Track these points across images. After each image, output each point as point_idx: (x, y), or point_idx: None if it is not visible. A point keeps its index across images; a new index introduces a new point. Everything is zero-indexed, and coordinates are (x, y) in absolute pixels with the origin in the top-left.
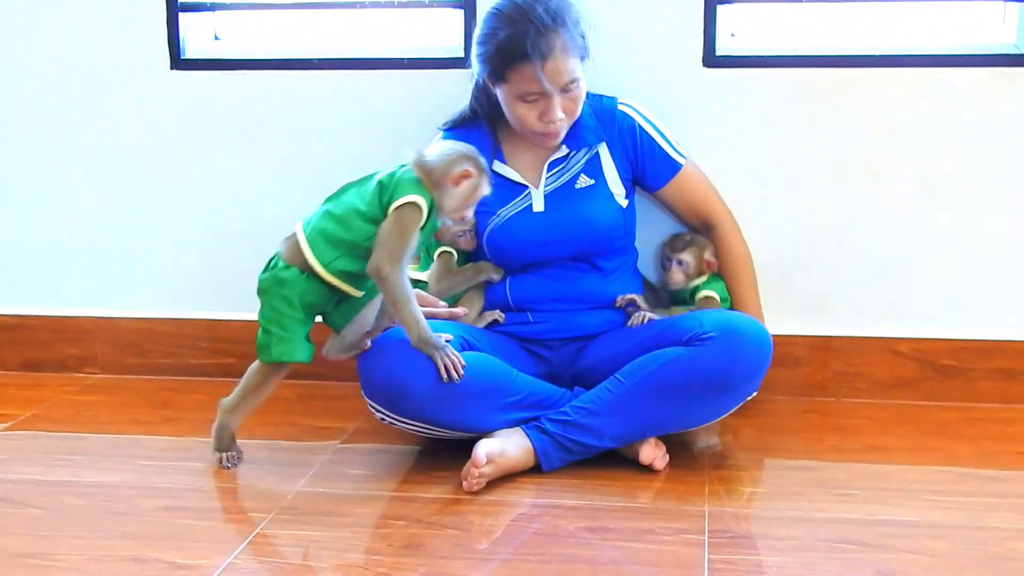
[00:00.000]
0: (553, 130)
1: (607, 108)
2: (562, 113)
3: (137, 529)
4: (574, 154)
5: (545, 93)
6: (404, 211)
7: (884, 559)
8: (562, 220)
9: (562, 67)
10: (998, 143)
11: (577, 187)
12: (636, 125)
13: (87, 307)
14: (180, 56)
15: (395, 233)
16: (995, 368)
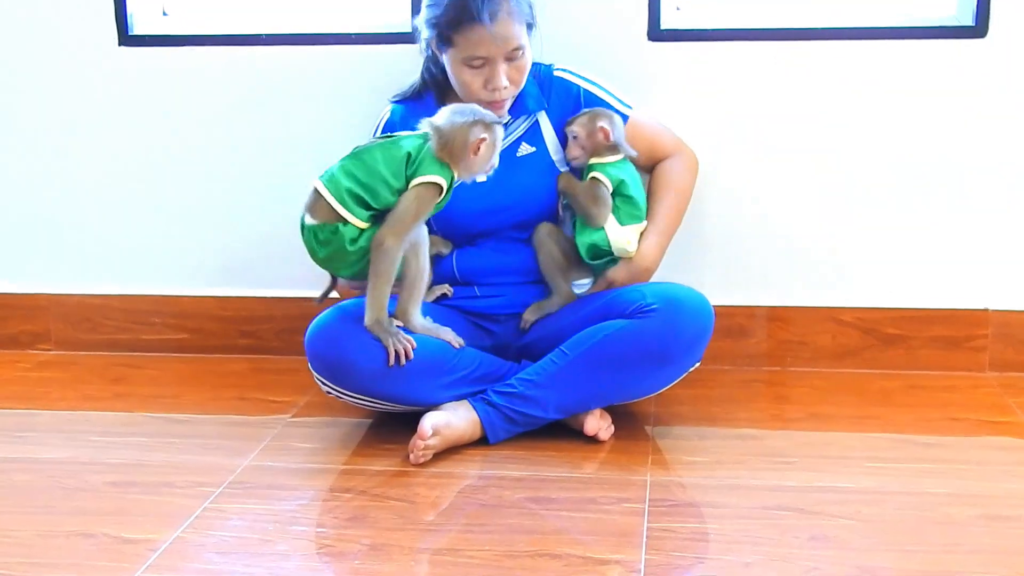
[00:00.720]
0: (498, 98)
1: (543, 75)
2: (507, 81)
3: (85, 504)
4: (514, 121)
5: (491, 59)
6: (423, 189)
7: (818, 525)
8: (504, 188)
9: (508, 31)
10: (938, 115)
11: (518, 155)
12: (578, 88)
13: (40, 283)
14: (128, 32)
15: (411, 211)
16: (936, 336)
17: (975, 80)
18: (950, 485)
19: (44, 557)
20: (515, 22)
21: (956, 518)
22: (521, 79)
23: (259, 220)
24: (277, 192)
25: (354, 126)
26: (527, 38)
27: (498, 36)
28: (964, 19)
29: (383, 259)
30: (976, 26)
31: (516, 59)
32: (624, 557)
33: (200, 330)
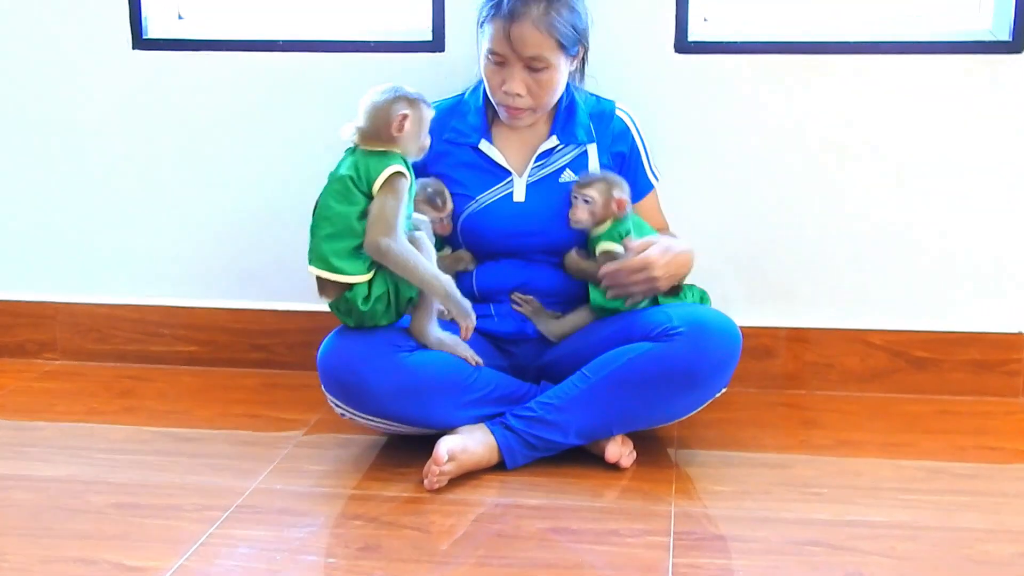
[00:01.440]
0: (510, 103)
1: (605, 110)
2: (523, 89)
3: (87, 527)
4: (563, 147)
5: (508, 59)
6: (394, 183)
7: (852, 562)
8: (541, 212)
9: (528, 36)
10: (972, 132)
11: (561, 181)
12: (629, 134)
13: (47, 291)
14: (142, 36)
15: (385, 204)
16: (968, 360)
17: (1012, 96)
18: (988, 520)
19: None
20: (540, 32)
21: (995, 556)
22: (543, 94)
23: (273, 229)
24: (292, 201)
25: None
26: (557, 57)
27: (515, 37)
28: (1000, 34)
29: (393, 257)
30: (1013, 41)
31: (537, 71)
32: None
33: (211, 342)
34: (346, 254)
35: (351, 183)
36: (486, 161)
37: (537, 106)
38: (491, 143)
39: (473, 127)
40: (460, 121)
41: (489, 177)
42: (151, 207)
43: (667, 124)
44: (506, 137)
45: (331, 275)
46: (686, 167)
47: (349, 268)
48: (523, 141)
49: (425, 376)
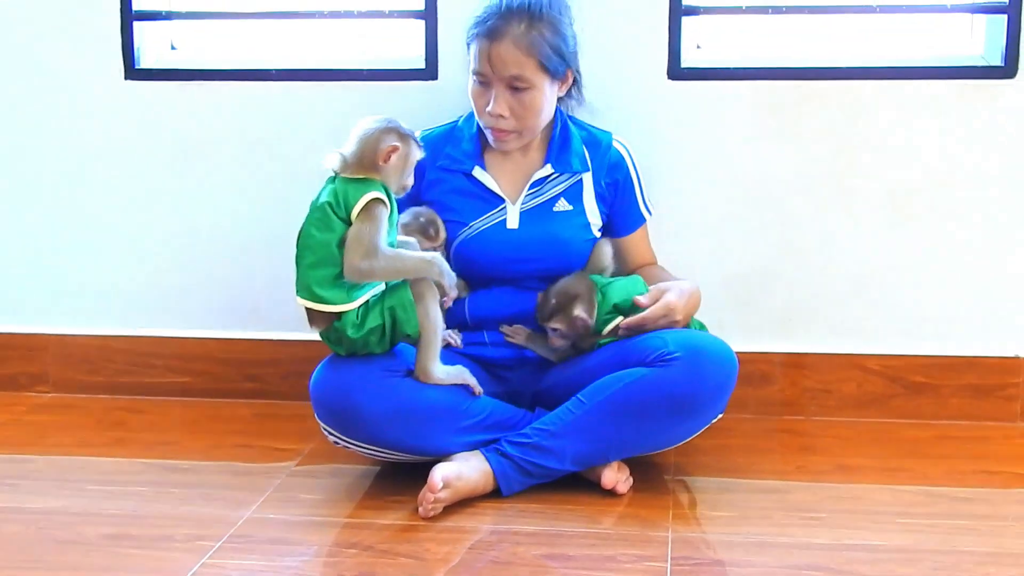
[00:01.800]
0: (495, 125)
1: (602, 141)
2: (506, 110)
3: (78, 559)
4: (557, 176)
5: (489, 78)
6: (372, 210)
7: None
8: (535, 240)
9: (508, 55)
10: (967, 156)
11: (555, 210)
12: (624, 165)
13: (39, 323)
14: (135, 66)
15: (361, 229)
16: (966, 384)
17: (1006, 120)
18: (988, 543)
19: None
20: (520, 51)
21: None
22: (526, 116)
23: (266, 259)
24: (285, 230)
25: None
26: (540, 78)
27: (495, 56)
28: (992, 59)
29: (376, 272)
30: (1005, 66)
31: (520, 91)
32: None
33: (204, 373)
34: (328, 282)
35: (330, 210)
36: (479, 188)
37: (522, 128)
38: (484, 170)
39: (467, 154)
40: (454, 148)
41: (482, 204)
42: (143, 237)
43: (661, 150)
44: (500, 164)
45: (316, 305)
46: (680, 193)
47: (333, 297)
48: (517, 168)
49: (419, 403)
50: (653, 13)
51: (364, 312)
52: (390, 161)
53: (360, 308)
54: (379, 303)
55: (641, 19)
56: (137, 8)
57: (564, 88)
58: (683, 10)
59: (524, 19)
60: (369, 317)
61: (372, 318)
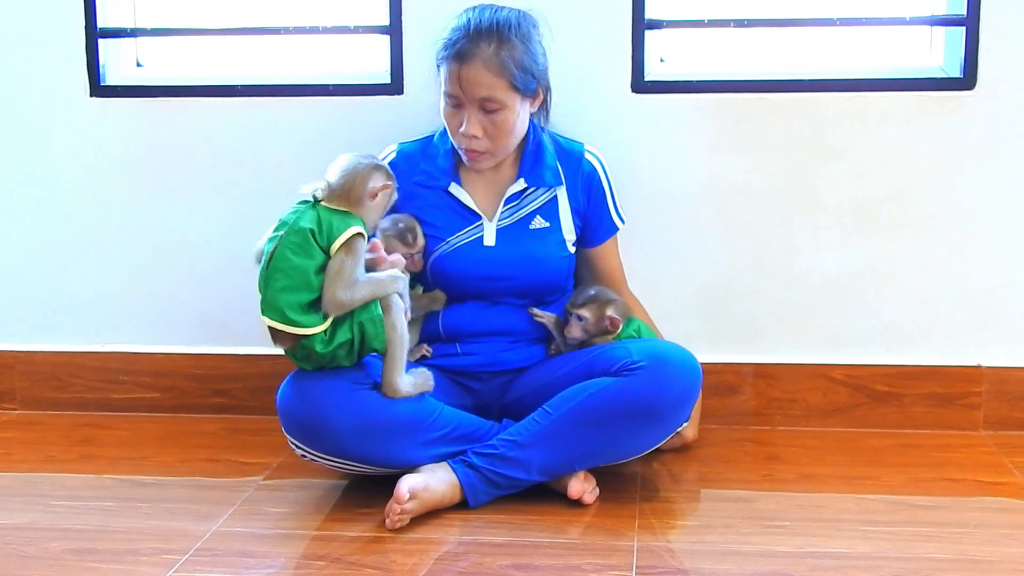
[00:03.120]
0: (468, 146)
1: (574, 152)
2: (479, 131)
3: (44, 574)
4: (532, 191)
5: (461, 100)
6: (353, 245)
7: None
8: (511, 258)
9: (478, 77)
10: (928, 166)
11: (531, 228)
12: (597, 175)
13: (4, 340)
14: (100, 83)
15: (344, 263)
16: (929, 393)
17: (965, 131)
18: (949, 550)
19: None
20: (491, 73)
21: None
22: (499, 136)
23: (234, 274)
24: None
25: None
26: (512, 98)
27: (465, 78)
28: (952, 71)
29: (352, 302)
30: (964, 78)
31: (492, 112)
32: None
33: (173, 388)
34: (300, 307)
35: (312, 237)
36: (455, 204)
37: (495, 149)
38: (460, 186)
39: (442, 170)
40: (429, 164)
41: (459, 220)
42: (110, 253)
43: (626, 163)
44: (475, 180)
45: (287, 327)
46: (646, 205)
47: (305, 321)
48: (492, 184)
49: (386, 415)
50: (616, 27)
51: (333, 327)
52: (376, 199)
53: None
54: (348, 318)
55: (605, 33)
56: (102, 25)
57: (536, 104)
58: (646, 24)
59: (493, 40)
60: (338, 332)
61: (341, 333)
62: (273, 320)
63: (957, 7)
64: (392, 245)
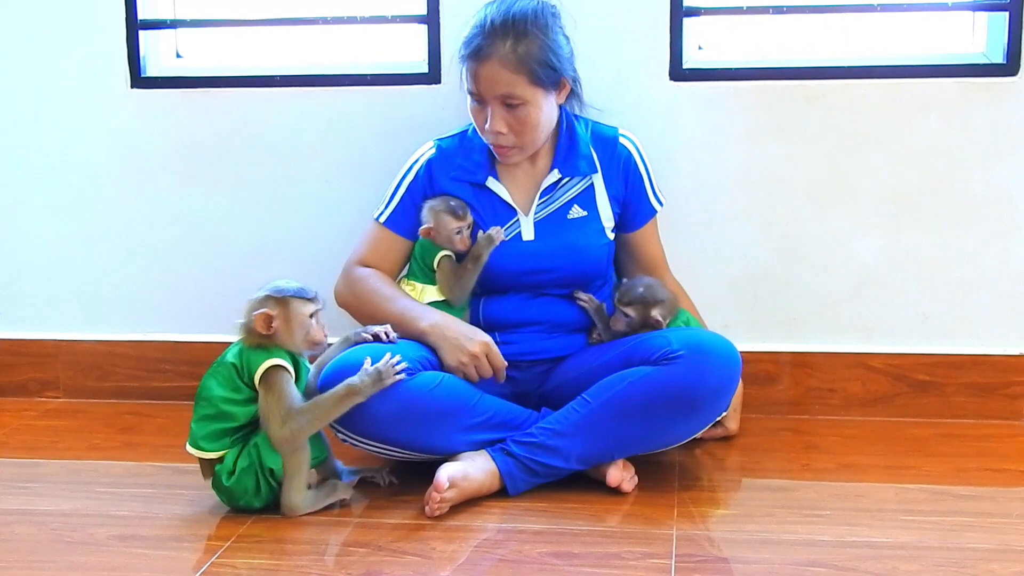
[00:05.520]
0: (495, 142)
1: (608, 137)
2: (504, 128)
3: (88, 559)
4: (566, 180)
5: (484, 98)
6: (270, 379)
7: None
8: (551, 251)
9: (495, 76)
10: (969, 154)
11: (569, 218)
12: (632, 160)
13: (48, 329)
14: (141, 74)
15: (272, 401)
16: (970, 383)
17: (1007, 117)
18: (992, 540)
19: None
20: (508, 70)
21: (1000, 575)
22: (525, 132)
23: (271, 264)
24: (290, 235)
25: (368, 167)
26: (533, 93)
27: (483, 77)
28: (995, 57)
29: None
30: (1007, 64)
31: (514, 108)
32: None
33: None
34: (213, 435)
35: (235, 372)
36: (493, 199)
37: (523, 143)
38: (498, 180)
39: (478, 164)
40: (465, 159)
41: (496, 216)
42: (151, 243)
43: (663, 151)
44: (513, 173)
45: (195, 452)
46: (683, 194)
47: (209, 447)
48: (529, 176)
49: (426, 400)
50: (655, 15)
51: (235, 457)
52: (273, 327)
53: (231, 455)
54: (244, 443)
55: (643, 21)
56: (143, 17)
57: (563, 95)
58: (684, 11)
59: (509, 37)
60: (240, 458)
61: (242, 458)
62: (188, 446)
63: None
64: (442, 219)
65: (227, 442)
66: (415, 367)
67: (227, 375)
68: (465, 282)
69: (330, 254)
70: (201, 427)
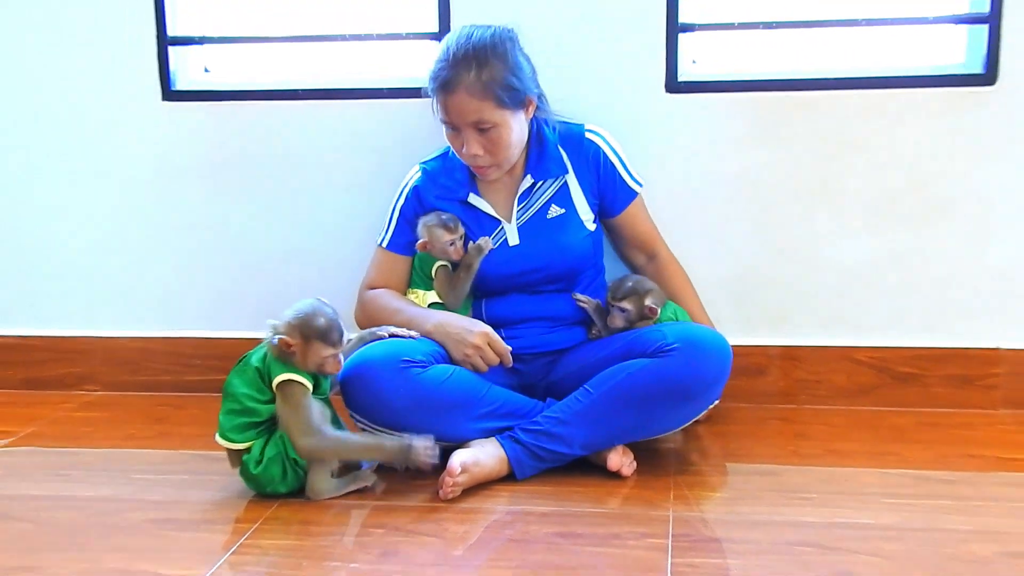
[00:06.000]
0: (472, 163)
1: (575, 134)
2: (480, 150)
3: (125, 541)
4: (540, 184)
5: (456, 125)
6: (286, 390)
7: (840, 561)
8: (537, 251)
9: (464, 105)
10: (948, 159)
11: (549, 217)
12: (601, 152)
13: (85, 327)
14: (171, 88)
15: (290, 412)
16: (949, 375)
17: (984, 126)
18: (971, 522)
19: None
20: (476, 98)
21: (979, 554)
22: (498, 151)
23: (293, 266)
24: (312, 237)
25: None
26: (500, 114)
27: (452, 107)
28: (974, 68)
29: (323, 452)
30: (986, 73)
31: (487, 131)
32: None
33: None
34: (238, 428)
35: (258, 376)
36: (477, 212)
37: (499, 161)
38: (478, 195)
39: (459, 183)
40: (448, 178)
41: (482, 227)
42: (180, 247)
43: (660, 158)
44: (491, 187)
45: (224, 443)
46: (679, 198)
47: (237, 438)
48: (505, 187)
49: (439, 391)
50: (652, 30)
51: (262, 447)
52: (291, 352)
53: (258, 445)
54: (269, 434)
55: (641, 37)
56: (172, 34)
57: (530, 111)
58: (680, 27)
59: (472, 66)
60: (268, 447)
61: (270, 447)
62: (219, 439)
63: (980, 5)
64: (435, 233)
65: (253, 434)
66: (428, 361)
67: (252, 376)
68: (459, 289)
69: (349, 257)
70: (228, 420)
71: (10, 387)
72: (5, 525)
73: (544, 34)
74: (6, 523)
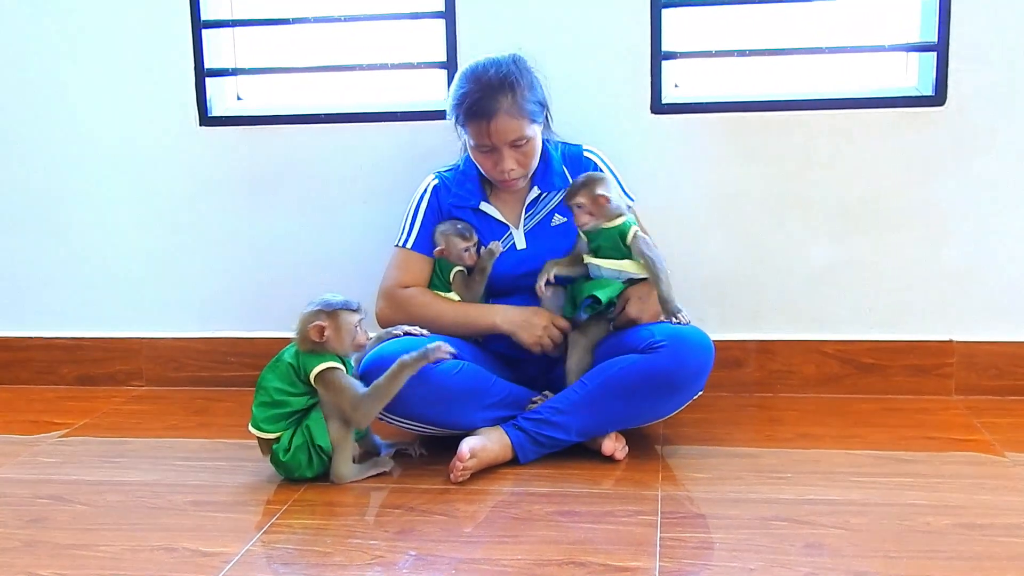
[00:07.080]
0: (505, 178)
1: (574, 154)
2: (514, 164)
3: (169, 521)
4: (546, 195)
5: (495, 147)
6: (325, 378)
7: (812, 533)
8: (543, 255)
9: (506, 127)
10: (904, 172)
11: (553, 225)
12: (598, 169)
13: (133, 329)
14: (207, 114)
15: (336, 395)
16: (908, 365)
17: (935, 142)
18: (928, 497)
19: (132, 569)
20: (515, 119)
21: (935, 526)
22: (528, 162)
23: (318, 273)
24: (336, 247)
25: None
26: (532, 128)
27: (496, 132)
28: (925, 90)
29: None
30: (935, 95)
31: (521, 146)
32: (641, 564)
33: None
34: (270, 419)
35: (292, 371)
36: (488, 219)
37: (527, 172)
38: (489, 203)
39: (472, 192)
40: (460, 187)
41: (492, 233)
42: (217, 256)
43: (645, 174)
44: (500, 196)
45: (256, 432)
46: (663, 210)
47: (269, 428)
48: (513, 196)
49: (449, 384)
50: (637, 57)
51: (290, 436)
52: (326, 336)
53: (287, 435)
54: (297, 425)
55: (627, 63)
56: (208, 66)
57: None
58: (663, 55)
59: (507, 91)
60: (295, 436)
61: (296, 437)
62: (252, 428)
63: (929, 35)
64: (452, 241)
65: (283, 424)
66: None
67: (285, 372)
68: (475, 290)
69: (368, 265)
70: (261, 411)
71: (66, 383)
72: (63, 507)
73: (542, 62)
74: (64, 505)
